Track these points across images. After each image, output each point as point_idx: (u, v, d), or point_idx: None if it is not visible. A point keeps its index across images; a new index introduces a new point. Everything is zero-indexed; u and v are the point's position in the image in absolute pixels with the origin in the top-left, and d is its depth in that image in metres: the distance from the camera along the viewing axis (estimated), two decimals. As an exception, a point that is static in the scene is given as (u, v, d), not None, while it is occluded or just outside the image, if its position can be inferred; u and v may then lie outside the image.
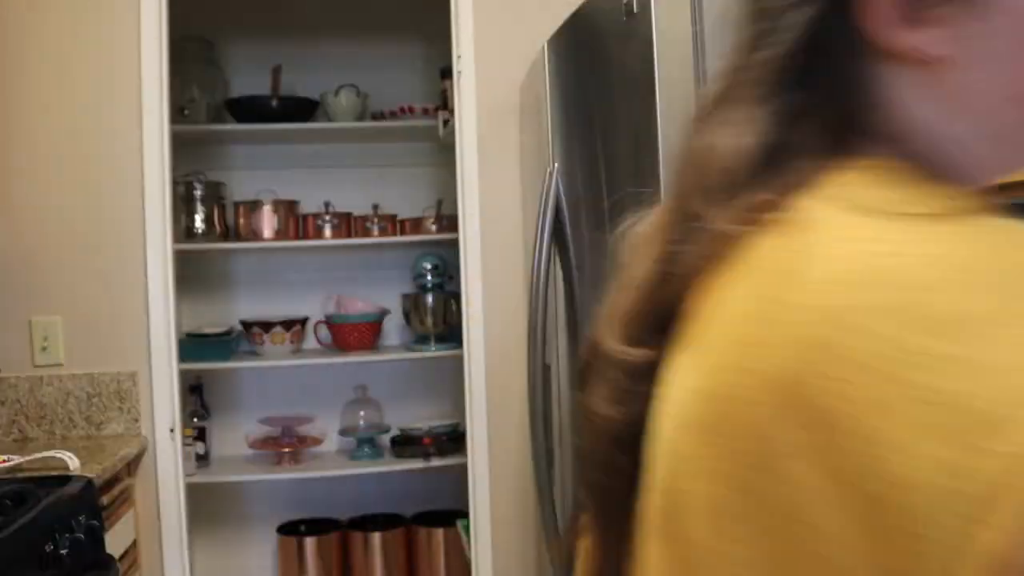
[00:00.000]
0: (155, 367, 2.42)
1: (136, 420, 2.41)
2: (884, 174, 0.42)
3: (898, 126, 0.44)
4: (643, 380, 0.47)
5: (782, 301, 0.38)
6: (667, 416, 0.44)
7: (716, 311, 0.43)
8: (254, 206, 3.04)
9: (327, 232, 3.09)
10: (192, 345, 2.92)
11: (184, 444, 2.52)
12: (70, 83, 2.39)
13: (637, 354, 0.48)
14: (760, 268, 0.41)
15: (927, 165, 0.43)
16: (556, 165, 2.09)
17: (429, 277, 3.13)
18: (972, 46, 0.42)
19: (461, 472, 2.80)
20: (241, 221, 3.05)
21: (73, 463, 1.95)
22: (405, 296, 3.16)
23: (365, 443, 3.14)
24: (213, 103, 3.10)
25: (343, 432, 3.19)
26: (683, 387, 0.43)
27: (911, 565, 0.33)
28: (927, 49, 0.42)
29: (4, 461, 1.96)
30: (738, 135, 0.45)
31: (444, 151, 3.02)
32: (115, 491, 2.18)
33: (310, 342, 3.25)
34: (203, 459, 3.02)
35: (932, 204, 0.40)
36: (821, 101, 0.45)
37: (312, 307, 3.22)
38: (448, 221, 3.04)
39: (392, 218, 3.17)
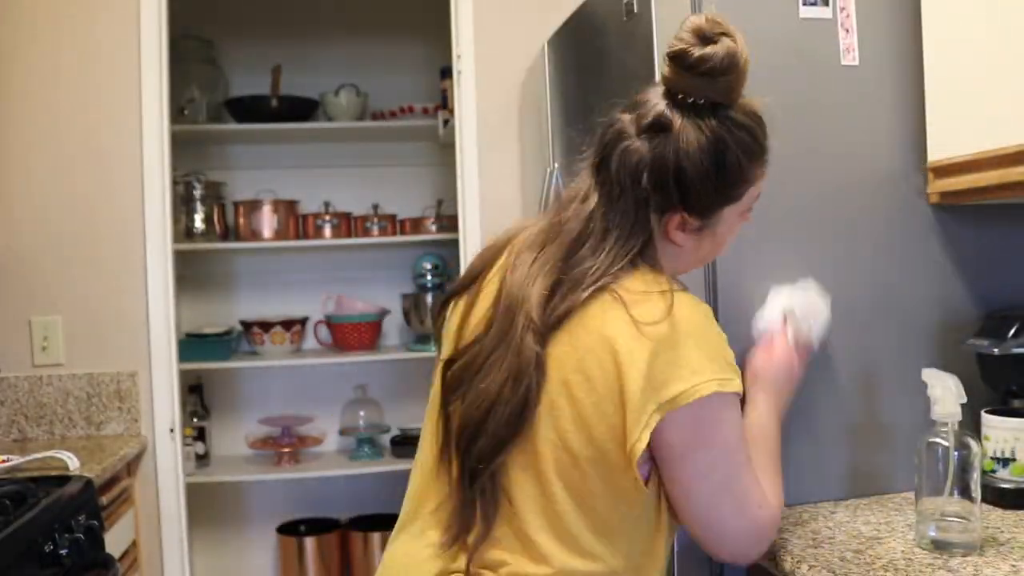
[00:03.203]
0: (155, 367, 2.42)
1: (136, 420, 2.41)
2: (651, 275, 1.04)
3: (659, 262, 1.07)
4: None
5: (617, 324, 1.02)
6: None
7: (582, 323, 1.02)
8: (254, 206, 3.04)
9: (327, 232, 3.09)
10: (192, 345, 2.92)
11: (184, 444, 2.52)
12: (69, 83, 2.39)
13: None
14: (602, 312, 1.02)
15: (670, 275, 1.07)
16: (556, 165, 2.09)
17: (429, 277, 3.13)
18: (694, 244, 1.09)
19: (461, 472, 2.80)
20: (241, 221, 3.05)
21: (73, 463, 1.95)
22: (405, 296, 3.16)
23: (365, 443, 3.14)
24: (213, 103, 3.10)
25: (343, 432, 3.19)
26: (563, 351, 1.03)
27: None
28: (680, 243, 1.08)
29: (4, 461, 1.95)
30: (598, 253, 1.05)
31: (444, 151, 3.02)
32: (115, 491, 2.18)
33: (310, 342, 3.25)
34: (203, 459, 3.02)
35: (668, 284, 1.03)
36: (633, 245, 1.05)
37: (312, 307, 3.22)
38: (448, 221, 3.04)
39: (392, 218, 3.17)
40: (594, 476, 1.01)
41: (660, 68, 1.40)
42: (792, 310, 1.29)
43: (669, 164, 1.01)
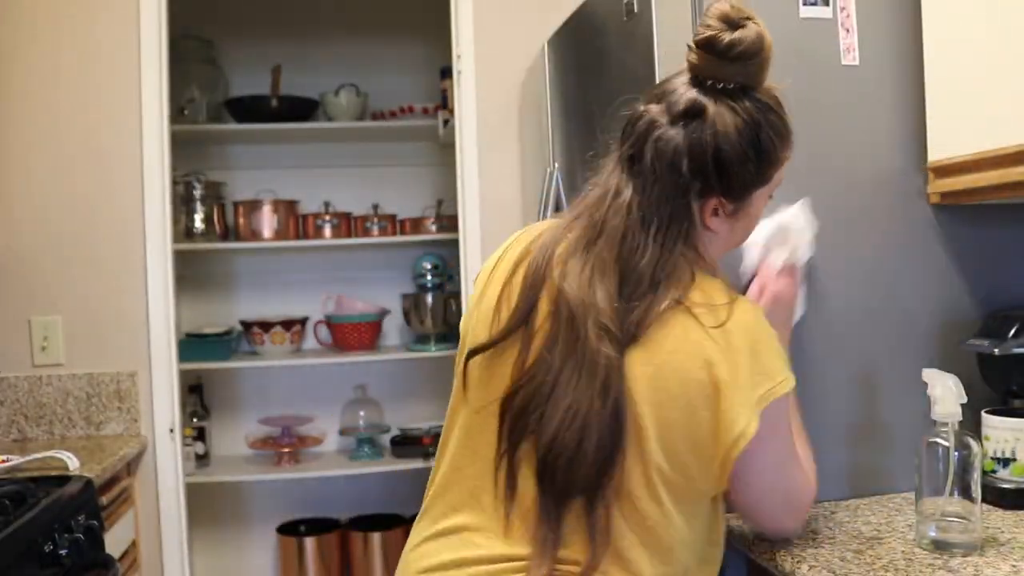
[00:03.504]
0: (155, 367, 2.42)
1: (136, 420, 2.41)
2: (709, 283, 1.05)
3: (704, 253, 1.07)
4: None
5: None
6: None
7: (662, 337, 1.01)
8: (254, 206, 3.04)
9: (327, 232, 3.09)
10: (192, 345, 2.92)
11: (184, 444, 2.52)
12: (69, 83, 2.39)
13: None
14: (681, 327, 1.01)
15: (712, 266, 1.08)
16: (556, 165, 2.09)
17: (429, 277, 3.13)
18: (728, 229, 1.09)
19: (461, 472, 2.80)
20: (241, 221, 3.05)
21: (73, 463, 1.95)
22: (405, 296, 3.16)
23: (365, 443, 3.14)
24: (213, 103, 3.10)
25: (343, 432, 3.19)
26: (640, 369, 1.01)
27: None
28: (715, 228, 1.08)
29: (4, 461, 1.95)
30: (647, 245, 1.03)
31: (444, 151, 3.02)
32: (115, 491, 2.18)
33: (310, 342, 3.25)
34: (203, 459, 3.02)
35: (728, 294, 1.05)
36: (676, 232, 1.04)
37: (312, 307, 3.22)
38: (448, 221, 3.04)
39: (392, 218, 3.17)
40: (677, 487, 1.01)
41: (659, 65, 1.39)
42: (778, 233, 1.29)
43: (708, 148, 1.02)
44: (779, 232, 1.30)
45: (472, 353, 1.08)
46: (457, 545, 1.06)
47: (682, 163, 1.02)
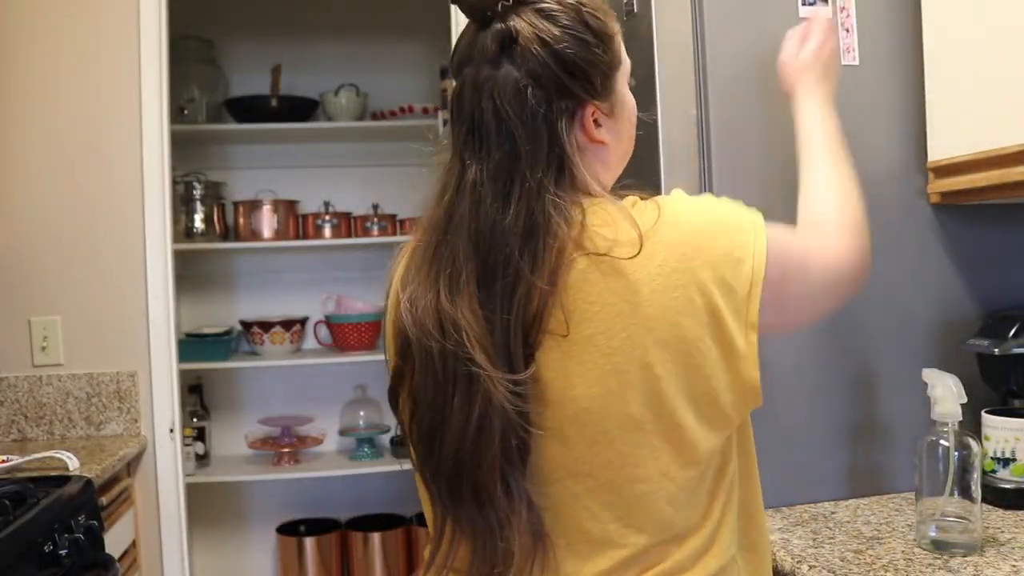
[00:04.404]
0: (155, 367, 2.42)
1: (136, 420, 2.41)
2: (600, 211, 0.88)
3: (587, 182, 0.90)
4: None
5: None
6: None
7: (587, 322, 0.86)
8: (254, 206, 3.04)
9: (327, 232, 3.09)
10: (192, 345, 2.92)
11: (184, 444, 2.52)
12: (69, 82, 2.39)
13: None
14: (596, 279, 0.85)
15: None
16: (556, 165, 2.09)
17: (429, 277, 3.13)
18: (614, 135, 0.96)
19: (461, 472, 2.80)
20: (241, 221, 3.05)
21: (72, 463, 1.95)
22: (405, 296, 3.15)
23: (365, 443, 3.14)
24: (213, 102, 3.10)
25: (343, 432, 3.19)
26: None
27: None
28: (603, 138, 0.95)
29: (3, 461, 1.95)
30: (506, 211, 0.87)
31: (444, 151, 3.01)
32: (115, 491, 2.18)
33: (310, 342, 3.25)
34: (203, 459, 3.02)
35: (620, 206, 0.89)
36: (545, 176, 0.88)
37: (312, 307, 3.21)
38: (448, 221, 3.04)
39: (392, 218, 3.17)
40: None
41: (659, 65, 1.38)
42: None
43: (547, 60, 0.88)
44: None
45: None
46: None
47: (530, 92, 0.88)
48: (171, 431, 2.43)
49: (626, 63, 0.98)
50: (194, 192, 3.01)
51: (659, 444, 0.87)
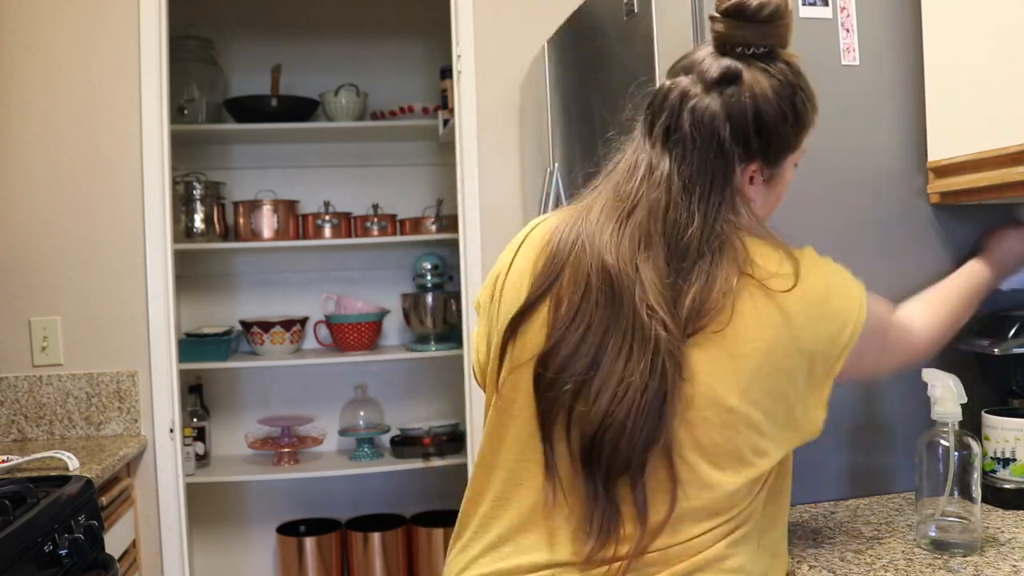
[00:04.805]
0: (155, 367, 2.42)
1: (136, 420, 2.41)
2: (758, 243, 1.02)
3: (748, 223, 1.04)
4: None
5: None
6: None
7: (736, 322, 0.97)
8: (254, 206, 3.04)
9: (327, 232, 3.09)
10: (192, 345, 2.92)
11: (184, 444, 2.52)
12: (69, 81, 2.39)
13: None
14: (751, 302, 0.99)
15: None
16: (556, 165, 2.09)
17: (429, 277, 3.13)
18: (763, 198, 1.07)
19: (461, 472, 2.80)
20: (241, 221, 3.05)
21: (72, 463, 1.95)
22: (405, 296, 3.16)
23: (365, 443, 3.14)
24: (212, 102, 3.10)
25: (343, 432, 3.19)
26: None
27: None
28: (752, 196, 1.05)
29: (4, 461, 1.95)
30: (692, 215, 1.00)
31: (444, 151, 3.02)
32: (114, 491, 2.18)
33: (310, 342, 3.25)
34: (203, 459, 3.02)
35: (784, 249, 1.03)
36: (719, 201, 1.01)
37: (312, 307, 3.22)
38: (448, 221, 3.04)
39: (392, 218, 3.17)
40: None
41: (659, 65, 1.39)
42: None
43: (747, 112, 1.01)
44: None
45: (509, 328, 1.04)
46: (505, 556, 1.03)
47: (723, 129, 1.01)
48: (171, 431, 2.43)
49: (802, 149, 1.10)
50: (194, 192, 3.01)
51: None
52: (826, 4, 1.43)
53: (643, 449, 0.95)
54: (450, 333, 3.10)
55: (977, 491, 1.16)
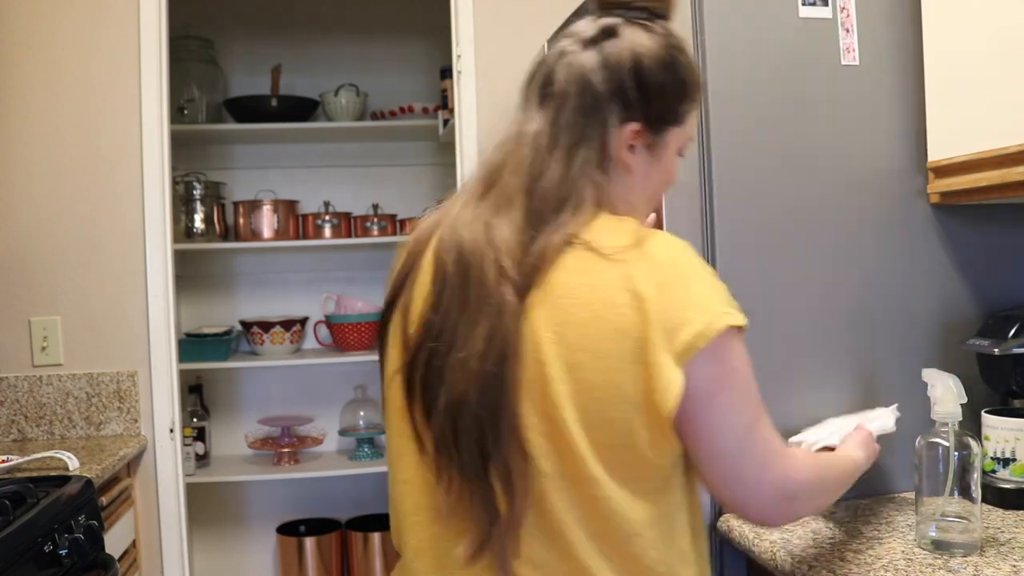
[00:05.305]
0: (155, 367, 2.42)
1: (136, 420, 2.41)
2: (614, 220, 0.94)
3: (614, 192, 0.97)
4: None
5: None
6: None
7: (563, 284, 0.89)
8: (254, 206, 3.04)
9: (327, 232, 3.09)
10: (192, 345, 2.92)
11: (184, 444, 2.52)
12: (69, 81, 2.39)
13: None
14: (583, 265, 0.90)
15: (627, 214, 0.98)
16: (556, 165, 2.09)
17: (429, 277, 3.13)
18: (644, 170, 0.99)
19: (461, 472, 2.79)
20: (241, 221, 3.05)
21: (72, 463, 1.95)
22: (405, 296, 3.15)
23: (365, 443, 3.14)
24: (212, 103, 3.10)
25: (343, 432, 3.19)
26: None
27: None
28: (630, 164, 0.97)
29: (4, 461, 1.95)
30: (555, 168, 0.94)
31: (444, 151, 3.02)
32: (114, 491, 2.18)
33: (310, 342, 3.25)
34: (203, 459, 3.02)
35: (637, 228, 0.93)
36: (588, 155, 0.95)
37: (312, 307, 3.22)
38: (448, 221, 3.03)
39: (392, 218, 3.17)
40: (619, 458, 0.88)
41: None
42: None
43: (624, 63, 0.95)
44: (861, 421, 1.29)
45: (388, 308, 1.03)
46: None
47: (597, 79, 0.95)
48: (171, 431, 2.43)
49: (686, 132, 1.02)
50: (194, 192, 3.01)
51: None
52: (826, 4, 1.43)
53: (493, 423, 0.87)
54: (450, 333, 3.10)
55: (977, 491, 1.16)
